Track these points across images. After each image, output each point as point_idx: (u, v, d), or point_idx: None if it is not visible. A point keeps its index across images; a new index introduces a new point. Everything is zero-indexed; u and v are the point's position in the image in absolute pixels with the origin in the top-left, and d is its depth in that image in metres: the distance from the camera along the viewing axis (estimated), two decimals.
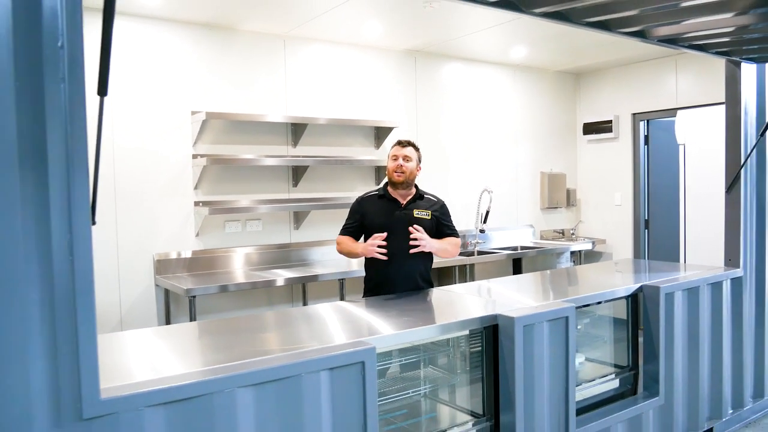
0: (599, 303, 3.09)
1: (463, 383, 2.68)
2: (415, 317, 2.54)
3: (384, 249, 3.02)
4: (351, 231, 3.22)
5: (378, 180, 5.07)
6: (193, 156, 4.28)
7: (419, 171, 3.22)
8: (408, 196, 3.20)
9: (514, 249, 5.70)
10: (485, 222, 5.44)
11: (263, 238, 4.62)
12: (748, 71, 3.69)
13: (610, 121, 6.15)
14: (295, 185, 4.72)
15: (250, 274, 4.25)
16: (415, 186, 3.24)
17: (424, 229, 3.12)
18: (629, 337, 3.20)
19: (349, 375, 1.95)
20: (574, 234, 6.41)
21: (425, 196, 3.26)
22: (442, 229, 3.21)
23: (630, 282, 3.22)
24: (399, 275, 3.11)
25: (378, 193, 3.24)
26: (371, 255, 3.04)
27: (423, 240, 3.02)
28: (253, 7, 3.99)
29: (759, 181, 3.81)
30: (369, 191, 3.33)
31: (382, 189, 3.25)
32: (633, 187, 6.09)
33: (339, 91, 4.93)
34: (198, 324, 2.81)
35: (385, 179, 3.27)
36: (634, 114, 6.07)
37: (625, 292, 3.11)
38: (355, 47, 5.00)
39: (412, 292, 3.10)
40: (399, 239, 3.04)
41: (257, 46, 4.53)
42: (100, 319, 1.54)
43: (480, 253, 5.39)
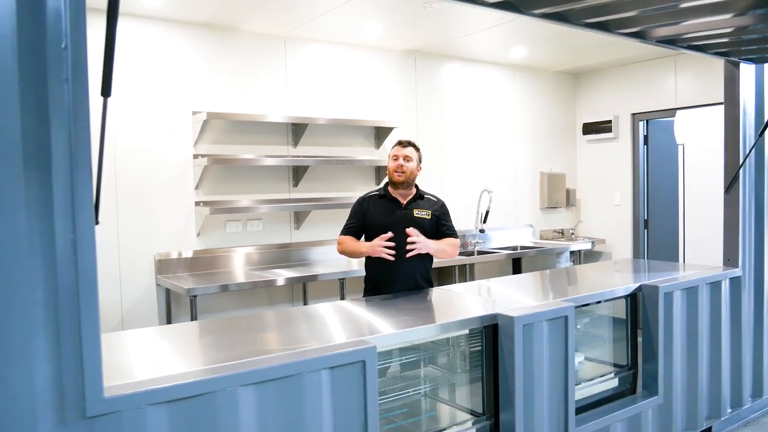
0: (598, 302, 3.10)
1: (463, 382, 2.69)
2: (416, 317, 2.55)
3: (391, 249, 3.03)
4: (353, 231, 3.22)
5: (378, 180, 5.08)
6: (194, 156, 4.30)
7: (419, 171, 3.23)
8: (408, 196, 3.22)
9: (514, 249, 5.71)
10: (485, 222, 5.45)
11: (264, 238, 4.63)
12: (747, 72, 3.70)
13: (610, 121, 6.16)
14: (296, 185, 4.73)
15: (250, 273, 4.26)
16: (416, 186, 3.26)
17: (424, 229, 3.13)
18: (628, 337, 3.21)
19: (350, 374, 1.96)
20: (573, 234, 6.42)
21: (425, 196, 3.27)
22: (441, 229, 3.22)
23: (629, 281, 3.23)
24: (399, 275, 3.12)
25: (379, 193, 3.25)
26: (378, 254, 3.04)
27: (419, 243, 3.03)
28: (254, 7, 4.00)
29: (758, 181, 3.82)
30: (370, 191, 3.34)
31: (382, 189, 3.26)
32: (632, 187, 6.10)
33: (339, 91, 4.94)
34: (199, 323, 2.82)
35: (386, 179, 3.28)
36: (633, 114, 6.08)
37: (625, 292, 3.12)
38: (356, 47, 5.01)
39: (412, 292, 3.11)
40: (399, 239, 3.05)
41: (258, 47, 4.54)
42: (101, 318, 1.55)
43: (480, 252, 5.41)
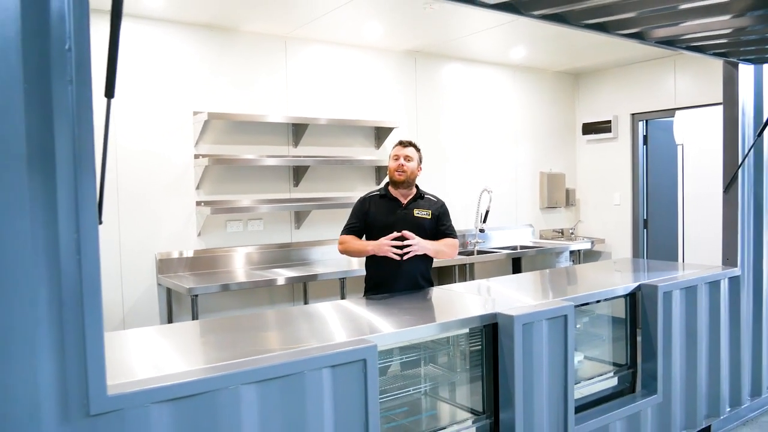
0: (598, 302, 3.12)
1: (463, 381, 2.70)
2: (416, 316, 2.56)
3: (398, 249, 3.04)
4: (354, 230, 3.23)
5: (378, 180, 5.09)
6: (195, 156, 4.31)
7: (420, 171, 3.24)
8: (409, 196, 3.23)
9: (514, 248, 5.73)
10: (485, 221, 5.47)
11: (264, 238, 4.64)
12: (746, 72, 3.71)
13: (609, 122, 6.17)
14: (296, 185, 4.75)
15: (251, 273, 4.27)
16: (416, 186, 3.27)
17: (424, 229, 3.15)
18: (628, 336, 3.23)
19: (351, 372, 1.98)
20: (573, 233, 6.44)
21: (425, 196, 3.28)
22: (440, 229, 3.23)
23: (629, 281, 3.24)
24: (399, 274, 3.13)
25: (379, 192, 3.26)
26: (385, 253, 3.04)
27: (415, 244, 3.04)
28: (255, 8, 4.02)
29: (756, 181, 3.83)
30: (371, 191, 3.35)
31: (383, 189, 3.27)
32: (632, 187, 6.11)
33: (339, 91, 4.95)
34: (200, 323, 2.83)
35: (386, 179, 3.29)
36: (632, 114, 6.09)
37: (624, 291, 3.13)
38: (356, 48, 5.02)
39: (412, 291, 3.13)
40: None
41: (258, 47, 4.56)
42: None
43: (480, 252, 5.42)
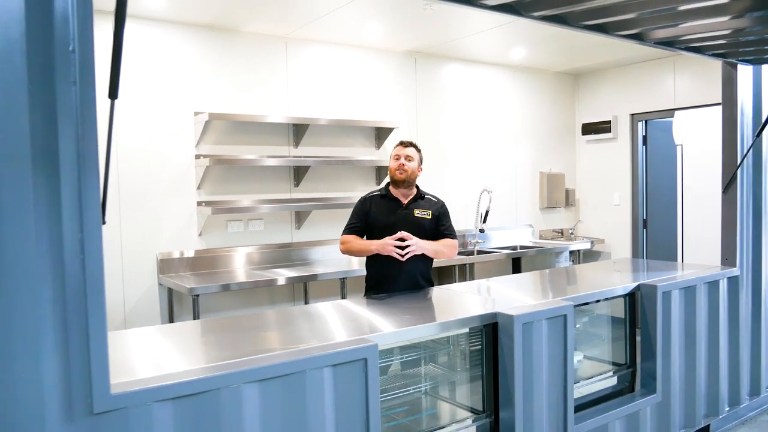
0: (597, 302, 3.13)
1: (463, 380, 2.72)
2: (416, 315, 2.57)
3: (401, 249, 3.05)
4: (356, 230, 3.23)
5: (379, 180, 5.10)
6: (196, 156, 4.32)
7: (420, 172, 3.26)
8: (409, 196, 3.24)
9: (514, 248, 5.74)
10: (485, 222, 5.48)
11: (265, 238, 4.65)
12: (745, 73, 3.72)
13: (609, 122, 6.19)
14: (297, 185, 4.76)
15: (252, 273, 4.29)
16: (417, 186, 3.28)
17: (424, 229, 3.16)
18: (627, 336, 3.24)
19: (352, 371, 1.99)
20: (573, 233, 6.45)
21: (426, 196, 3.29)
22: (439, 229, 3.24)
23: (628, 281, 3.25)
24: (400, 274, 3.14)
25: (380, 192, 3.28)
26: (389, 253, 3.04)
27: (413, 245, 3.05)
28: (256, 8, 4.03)
29: (755, 181, 3.84)
30: (371, 191, 3.36)
31: (384, 189, 3.28)
32: (631, 187, 6.13)
33: (340, 91, 4.97)
34: (201, 322, 2.85)
35: (387, 179, 3.31)
36: (632, 114, 6.10)
37: (623, 291, 3.15)
38: (356, 48, 5.03)
39: (412, 291, 3.14)
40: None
41: (259, 48, 4.57)
42: None
43: (480, 252, 5.43)
